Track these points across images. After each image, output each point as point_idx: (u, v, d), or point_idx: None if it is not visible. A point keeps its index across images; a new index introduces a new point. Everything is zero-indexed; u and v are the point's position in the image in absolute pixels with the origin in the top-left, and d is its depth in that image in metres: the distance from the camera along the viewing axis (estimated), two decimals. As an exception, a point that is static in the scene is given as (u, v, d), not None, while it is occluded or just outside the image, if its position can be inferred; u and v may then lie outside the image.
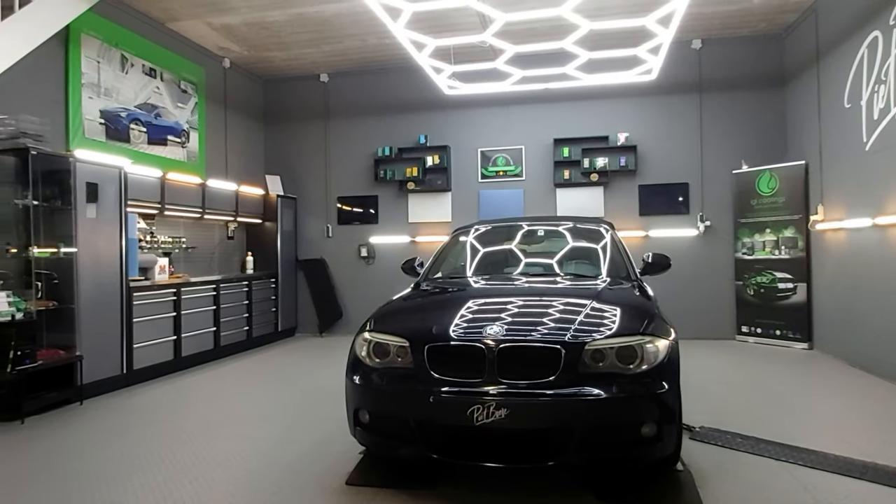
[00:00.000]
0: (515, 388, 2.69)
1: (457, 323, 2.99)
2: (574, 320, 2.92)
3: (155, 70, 6.64)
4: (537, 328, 2.88)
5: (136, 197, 5.91)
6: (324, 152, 8.83)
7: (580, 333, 2.80)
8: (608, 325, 2.91)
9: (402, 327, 3.06)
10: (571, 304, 3.21)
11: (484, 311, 3.18)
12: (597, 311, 3.08)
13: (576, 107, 8.03)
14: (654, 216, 7.83)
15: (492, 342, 2.77)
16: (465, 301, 3.37)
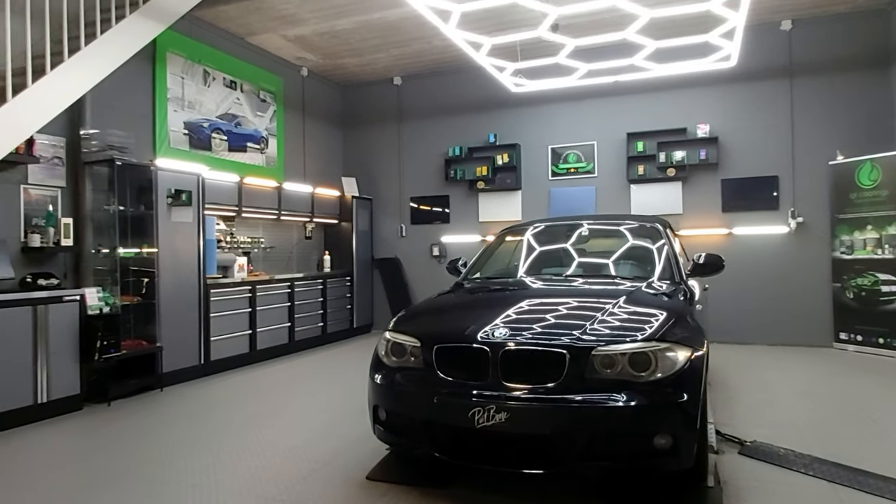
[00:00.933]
0: (517, 391, 2.64)
1: (466, 324, 2.97)
2: (586, 325, 2.81)
3: (235, 82, 7.13)
4: (546, 332, 2.80)
5: (214, 200, 6.39)
6: (397, 154, 9.04)
7: (589, 338, 2.69)
8: (623, 329, 2.77)
9: (416, 328, 3.09)
10: (593, 306, 3.09)
11: (499, 313, 3.13)
12: (616, 315, 2.95)
13: (650, 99, 7.65)
14: (738, 212, 7.29)
15: (495, 345, 2.73)
16: (486, 302, 3.35)
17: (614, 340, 2.67)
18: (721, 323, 7.25)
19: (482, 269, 4.32)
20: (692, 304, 3.42)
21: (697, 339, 2.85)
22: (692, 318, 3.09)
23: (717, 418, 4.19)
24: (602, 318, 2.89)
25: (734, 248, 7.29)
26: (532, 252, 4.36)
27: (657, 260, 3.91)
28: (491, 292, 3.68)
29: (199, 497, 3.02)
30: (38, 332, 4.44)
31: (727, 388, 5.10)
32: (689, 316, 3.09)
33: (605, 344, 2.65)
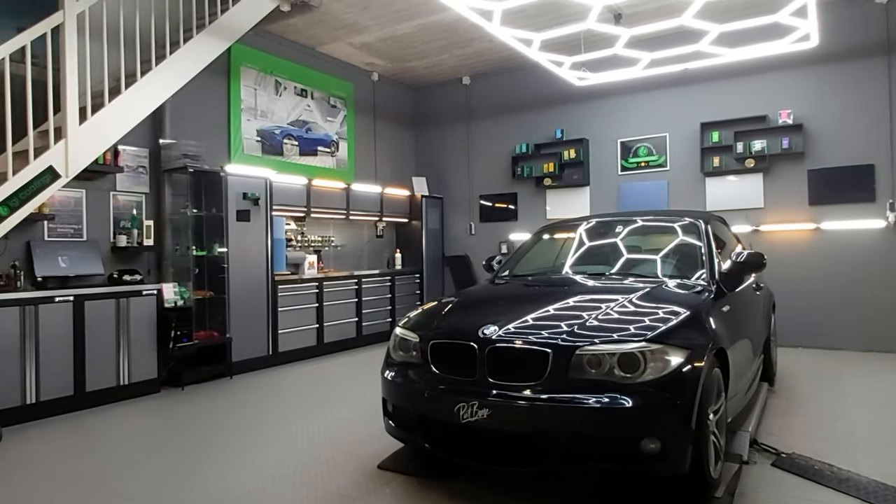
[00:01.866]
0: (500, 389, 2.65)
1: (463, 321, 3.02)
2: (577, 324, 2.75)
3: (306, 90, 7.56)
4: (537, 330, 2.78)
5: (284, 202, 6.83)
6: (467, 153, 9.14)
7: (575, 338, 2.64)
8: (616, 329, 2.69)
9: (419, 323, 3.18)
10: (595, 305, 3.01)
11: (501, 310, 3.14)
12: (617, 314, 2.86)
13: (725, 85, 7.17)
14: (827, 205, 6.66)
15: (483, 341, 2.75)
16: (494, 300, 3.37)
17: (602, 340, 2.60)
18: (807, 325, 6.68)
19: (513, 267, 4.31)
20: (718, 304, 3.23)
21: (700, 341, 2.71)
22: (707, 319, 2.93)
23: (767, 427, 3.91)
24: (599, 316, 2.82)
25: (822, 245, 6.67)
26: (563, 250, 4.30)
27: (689, 258, 3.71)
28: (505, 290, 3.68)
29: (225, 472, 3.30)
30: (121, 321, 5.01)
31: (793, 396, 4.72)
32: (704, 317, 2.94)
33: (590, 343, 2.59)
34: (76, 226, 5.23)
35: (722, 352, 2.97)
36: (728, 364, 3.04)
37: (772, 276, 6.86)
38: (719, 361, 2.96)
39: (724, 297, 3.38)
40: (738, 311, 3.63)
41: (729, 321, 3.32)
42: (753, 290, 4.29)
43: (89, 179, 5.29)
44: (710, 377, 2.71)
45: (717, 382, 2.87)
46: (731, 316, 3.39)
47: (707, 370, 2.65)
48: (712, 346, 2.76)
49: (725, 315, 3.29)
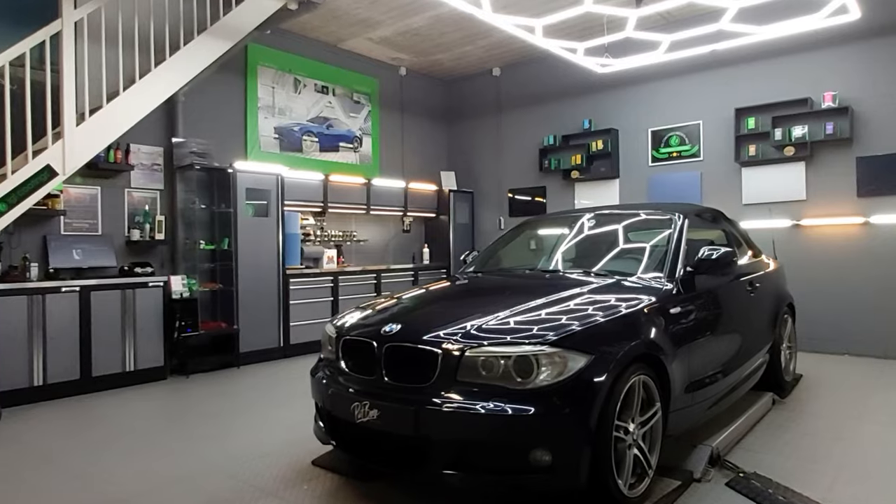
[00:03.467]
0: (392, 389, 2.55)
1: (376, 317, 2.93)
2: (480, 323, 2.59)
3: (327, 87, 7.67)
4: (436, 329, 2.64)
5: (299, 198, 6.98)
6: (496, 146, 8.94)
7: (468, 339, 2.48)
8: (516, 330, 2.50)
9: (342, 319, 3.12)
10: (519, 304, 2.82)
11: (421, 307, 3.03)
12: (529, 314, 2.67)
13: (762, 67, 6.56)
14: (879, 197, 5.94)
15: (381, 340, 2.65)
16: (432, 296, 3.25)
17: (494, 342, 2.43)
18: (856, 331, 6.02)
19: (482, 263, 4.16)
20: (670, 305, 2.95)
21: (612, 346, 2.48)
22: (640, 323, 2.70)
23: (750, 443, 3.55)
24: (508, 316, 2.64)
25: (873, 242, 5.97)
26: (535, 246, 4.10)
27: (656, 254, 3.41)
28: (449, 287, 3.54)
29: (173, 459, 3.41)
30: (126, 311, 5.29)
31: (802, 409, 4.25)
32: (635, 320, 2.70)
33: (480, 345, 2.43)
34: (91, 221, 5.58)
35: (653, 358, 2.70)
36: (667, 372, 2.76)
37: (814, 276, 6.24)
38: (653, 368, 2.70)
39: (680, 298, 3.08)
40: (705, 314, 3.30)
41: (682, 325, 3.03)
42: (746, 290, 3.90)
43: (104, 177, 5.62)
44: (624, 385, 2.47)
45: (640, 391, 2.61)
46: (688, 319, 3.08)
47: (615, 378, 2.42)
48: (629, 351, 2.52)
49: (677, 317, 2.99)
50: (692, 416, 3.12)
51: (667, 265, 3.27)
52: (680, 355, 2.94)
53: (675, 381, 2.83)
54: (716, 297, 3.49)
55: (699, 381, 3.15)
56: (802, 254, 6.33)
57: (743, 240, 4.50)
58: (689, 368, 3.03)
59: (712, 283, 3.44)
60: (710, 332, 3.34)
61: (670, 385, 2.79)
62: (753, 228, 6.47)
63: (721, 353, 3.47)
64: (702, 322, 3.26)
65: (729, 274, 3.67)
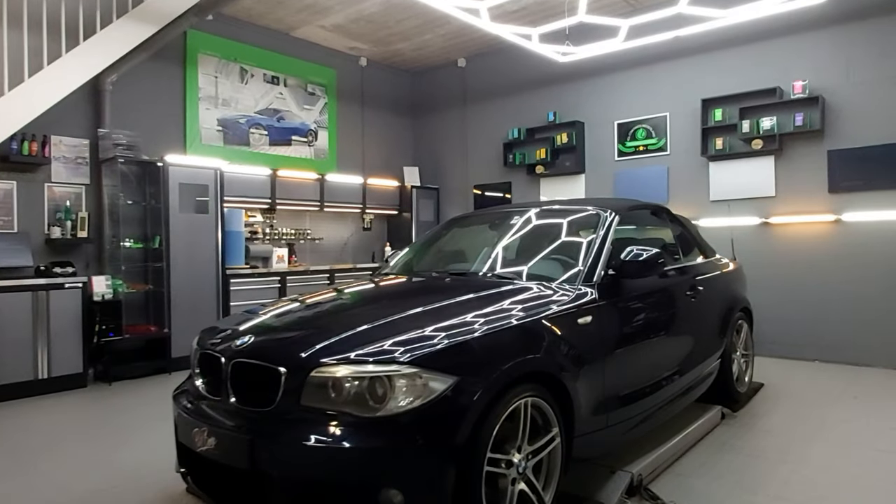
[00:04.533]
0: (234, 413, 2.19)
1: (238, 326, 2.56)
2: (341, 336, 2.22)
3: (278, 77, 7.29)
4: (289, 342, 2.28)
5: (244, 194, 6.63)
6: (462, 140, 8.57)
7: (320, 355, 2.11)
8: (375, 345, 2.13)
9: (209, 329, 2.75)
10: (393, 312, 2.46)
11: (289, 315, 2.67)
12: (399, 326, 2.30)
13: (730, 55, 6.19)
14: (851, 193, 5.57)
15: (229, 355, 2.29)
16: (317, 303, 2.88)
17: (347, 360, 2.06)
18: (827, 336, 5.66)
19: (399, 264, 3.79)
20: (578, 314, 2.59)
21: (489, 365, 2.11)
22: (532, 336, 2.34)
23: (683, 467, 3.18)
24: (370, 328, 2.27)
25: (844, 241, 5.60)
26: (454, 245, 3.75)
27: (577, 255, 3.04)
28: (343, 292, 3.16)
29: (75, 475, 3.05)
30: (38, 315, 4.93)
31: (754, 425, 3.88)
32: (527, 332, 2.34)
33: (328, 364, 2.06)
34: (5, 217, 5.22)
35: (550, 376, 2.34)
36: (568, 393, 2.40)
37: (783, 277, 5.87)
38: (549, 388, 2.34)
39: (598, 305, 2.71)
40: (630, 322, 2.94)
41: (598, 335, 2.66)
42: (687, 294, 3.53)
43: (19, 171, 5.26)
44: (504, 409, 2.11)
45: (527, 416, 2.25)
46: (605, 328, 2.71)
47: (490, 401, 2.06)
48: (511, 370, 2.15)
49: (591, 327, 2.62)
50: (608, 439, 2.75)
51: (585, 268, 2.90)
52: (591, 371, 2.58)
53: (579, 402, 2.47)
54: (646, 302, 3.12)
55: (619, 398, 2.79)
56: (771, 254, 5.97)
57: (692, 239, 4.13)
58: (605, 385, 2.67)
59: (642, 288, 3.08)
60: (635, 342, 2.98)
61: (573, 407, 2.43)
62: (720, 227, 6.12)
63: (650, 366, 3.11)
64: (625, 331, 2.89)
65: (665, 277, 3.31)
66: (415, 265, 3.66)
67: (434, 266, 3.59)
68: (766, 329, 5.89)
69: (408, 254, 3.87)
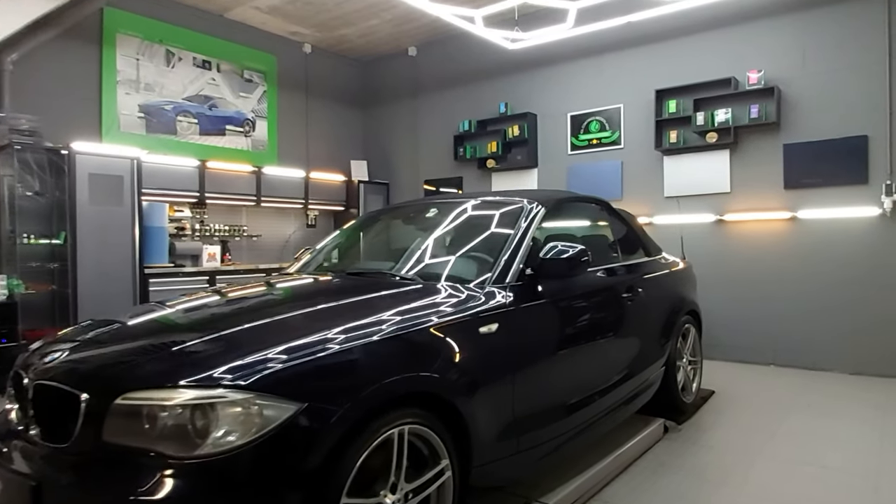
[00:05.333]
0: (29, 451, 1.75)
1: (70, 336, 2.12)
2: (164, 350, 1.79)
3: (210, 62, 6.79)
4: (98, 360, 1.85)
5: (168, 186, 6.12)
6: (413, 133, 8.15)
7: (127, 376, 1.68)
8: (202, 363, 1.71)
9: (43, 341, 2.29)
10: (249, 320, 2.04)
11: (138, 324, 2.23)
12: (243, 337, 1.88)
13: (683, 44, 5.89)
14: (807, 189, 5.30)
15: (35, 374, 1.85)
16: (190, 308, 2.45)
17: (153, 384, 1.63)
18: (782, 339, 5.40)
19: (308, 262, 3.37)
20: (483, 321, 2.20)
21: (355, 385, 1.71)
22: (419, 350, 1.95)
23: (613, 493, 2.82)
24: (209, 342, 1.85)
25: (800, 239, 5.34)
26: (369, 240, 3.34)
27: (492, 252, 2.65)
28: (229, 294, 2.73)
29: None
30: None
31: (696, 440, 3.55)
32: (412, 344, 1.94)
33: (135, 388, 1.63)
34: None
35: (438, 399, 1.95)
36: (462, 416, 2.01)
37: (738, 277, 5.60)
38: (437, 413, 1.95)
39: (510, 310, 2.32)
40: (549, 329, 2.56)
41: (507, 346, 2.28)
42: (623, 297, 3.17)
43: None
44: (370, 441, 1.71)
45: (402, 448, 1.84)
46: (517, 337, 2.33)
47: (348, 432, 1.65)
48: (378, 392, 1.75)
49: (498, 337, 2.24)
50: (520, 465, 2.37)
51: (498, 268, 2.51)
52: (496, 389, 2.20)
53: (479, 427, 2.08)
54: (571, 306, 2.75)
55: (535, 418, 2.42)
56: (726, 253, 5.68)
57: (634, 236, 3.78)
58: (516, 404, 2.29)
59: (568, 290, 2.71)
60: (557, 352, 2.60)
61: (470, 433, 2.04)
62: (675, 224, 5.83)
63: (577, 378, 2.74)
64: (544, 340, 2.52)
65: (596, 277, 2.95)
66: (321, 263, 3.24)
67: (341, 265, 3.18)
68: (721, 332, 5.61)
69: (317, 251, 3.45)
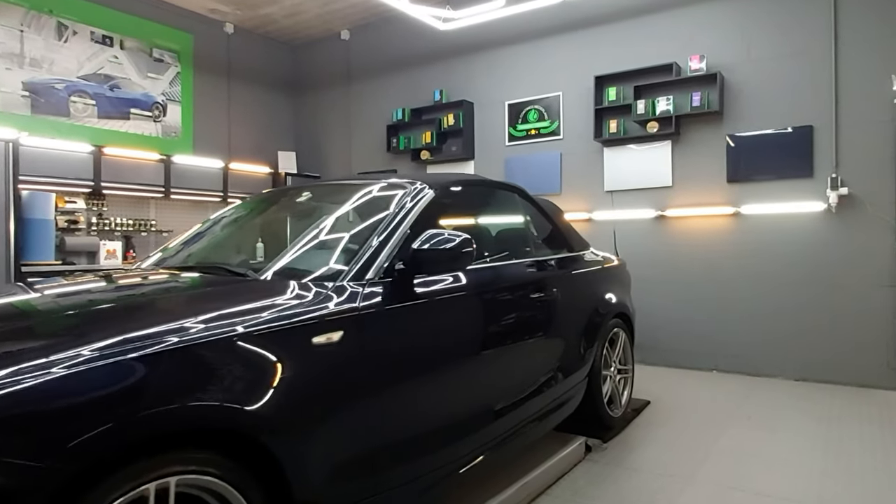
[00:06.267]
0: None
1: None
2: None
3: (111, 38, 6.11)
4: None
5: (57, 174, 5.46)
6: (346, 122, 7.61)
7: None
8: None
9: None
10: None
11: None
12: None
13: (626, 28, 5.52)
14: (751, 183, 4.98)
15: None
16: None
17: None
18: (725, 344, 5.06)
19: (162, 256, 2.82)
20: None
21: (65, 429, 1.18)
22: (205, 370, 1.43)
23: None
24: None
25: (744, 236, 5.01)
26: (215, 232, 2.83)
27: (352, 245, 2.15)
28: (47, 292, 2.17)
29: None
30: None
31: (619, 462, 3.12)
32: (189, 363, 1.42)
33: None
34: None
35: (234, 436, 1.43)
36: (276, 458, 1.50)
37: (679, 277, 5.24)
38: (241, 454, 1.44)
39: (351, 316, 1.82)
40: (417, 340, 2.07)
41: (350, 362, 1.77)
42: (531, 298, 2.71)
43: None
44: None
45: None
46: (366, 351, 1.83)
47: (53, 496, 1.13)
48: (126, 432, 1.23)
49: (335, 350, 1.73)
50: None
51: (358, 260, 2.01)
52: (340, 418, 1.70)
53: (307, 472, 1.58)
54: (458, 308, 2.27)
55: (403, 448, 1.93)
56: (667, 251, 5.33)
57: (555, 229, 3.34)
58: (372, 435, 1.80)
59: (456, 289, 2.23)
60: (436, 366, 2.12)
61: (290, 481, 1.53)
62: (616, 220, 5.45)
63: (462, 397, 2.26)
64: (416, 351, 2.03)
65: (496, 273, 2.48)
66: (169, 257, 2.69)
67: (188, 259, 2.63)
68: (662, 336, 5.25)
69: (178, 243, 2.90)
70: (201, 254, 2.63)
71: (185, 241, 2.82)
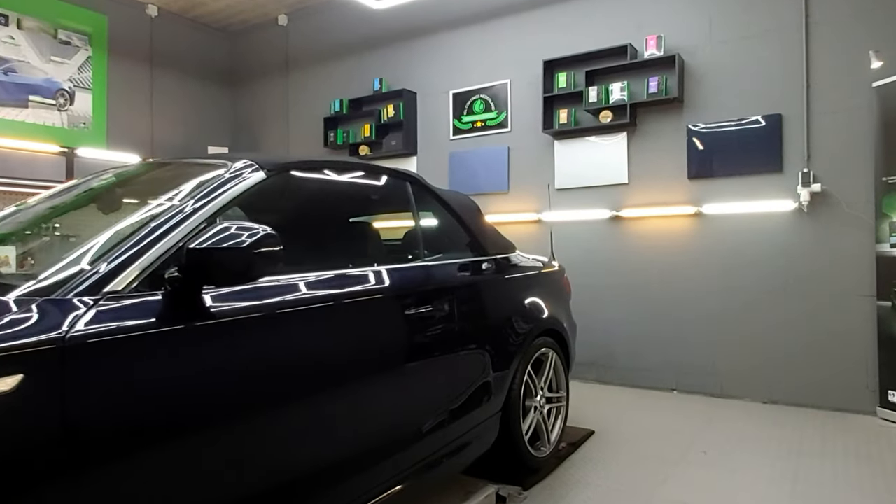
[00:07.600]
0: None
1: None
2: None
3: (6, 15, 5.43)
4: None
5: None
6: (284, 115, 6.98)
7: None
8: None
9: None
10: None
11: None
12: None
13: (577, 7, 4.96)
14: (714, 179, 4.42)
15: None
16: None
17: None
18: (687, 360, 4.48)
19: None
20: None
21: None
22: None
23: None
24: None
25: (705, 238, 4.45)
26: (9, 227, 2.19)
27: (105, 245, 1.52)
28: None
29: None
30: None
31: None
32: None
33: None
34: None
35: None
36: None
37: (636, 286, 4.66)
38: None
39: (48, 349, 1.18)
40: (197, 385, 1.43)
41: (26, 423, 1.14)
42: (406, 314, 2.09)
43: None
44: None
45: None
46: (112, 389, 1.20)
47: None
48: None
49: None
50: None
51: (100, 264, 1.38)
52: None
53: None
54: (271, 331, 1.64)
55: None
56: (623, 256, 4.75)
57: (463, 227, 2.72)
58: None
59: (278, 304, 1.61)
60: (224, 420, 1.48)
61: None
62: (567, 221, 4.88)
63: (291, 459, 1.63)
64: (192, 398, 1.40)
65: (339, 283, 1.86)
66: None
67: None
68: (618, 352, 4.67)
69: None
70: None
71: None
